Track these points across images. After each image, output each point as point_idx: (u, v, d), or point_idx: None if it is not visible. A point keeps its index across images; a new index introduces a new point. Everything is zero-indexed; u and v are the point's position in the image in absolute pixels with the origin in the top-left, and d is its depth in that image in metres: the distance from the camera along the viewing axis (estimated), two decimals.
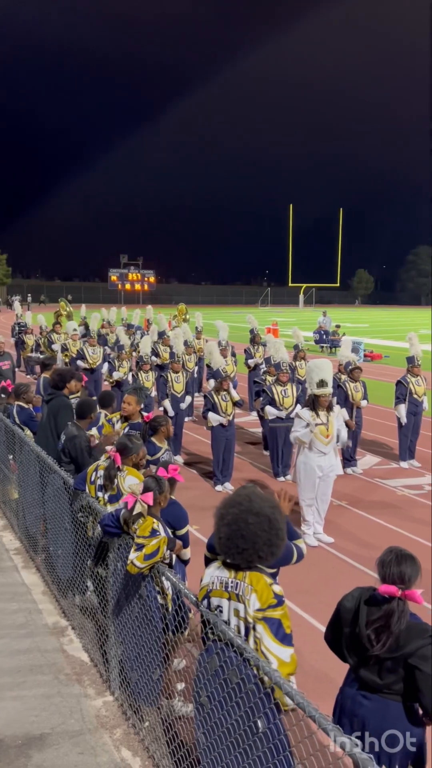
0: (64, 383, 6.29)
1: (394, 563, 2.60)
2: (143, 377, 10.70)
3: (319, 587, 5.41)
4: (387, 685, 2.52)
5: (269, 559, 2.66)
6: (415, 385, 9.60)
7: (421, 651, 2.46)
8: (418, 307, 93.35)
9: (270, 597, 2.57)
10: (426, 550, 6.48)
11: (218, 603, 2.70)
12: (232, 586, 2.66)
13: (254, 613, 2.56)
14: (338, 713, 2.70)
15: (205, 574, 2.81)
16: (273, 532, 2.63)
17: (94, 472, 4.54)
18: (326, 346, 25.64)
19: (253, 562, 2.64)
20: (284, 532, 2.68)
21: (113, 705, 3.92)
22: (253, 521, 2.62)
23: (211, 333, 16.66)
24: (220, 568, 2.75)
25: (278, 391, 8.87)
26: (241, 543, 2.62)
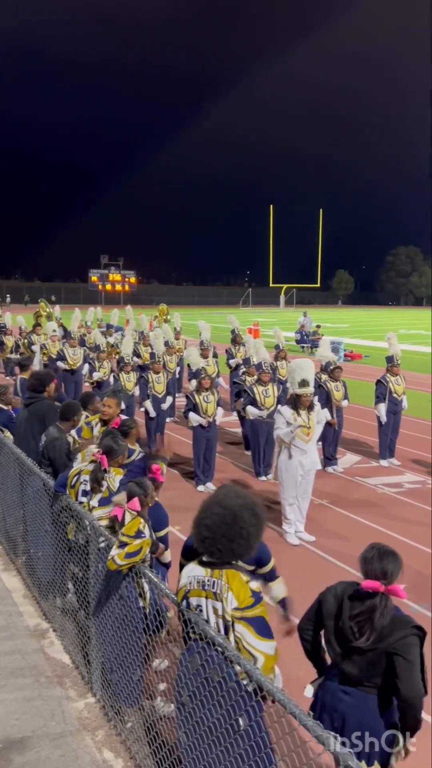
0: (44, 386, 6.24)
1: (376, 559, 2.62)
2: (124, 378, 10.66)
3: (301, 585, 5.42)
4: (368, 677, 2.54)
5: (228, 556, 2.64)
6: (395, 384, 9.69)
7: (404, 641, 2.50)
8: (397, 307, 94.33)
9: (247, 595, 2.57)
10: (406, 548, 6.54)
11: (197, 602, 2.70)
12: (209, 585, 2.65)
13: (232, 611, 2.55)
14: (318, 709, 2.72)
15: (182, 576, 2.81)
16: (235, 528, 2.61)
17: (75, 476, 4.49)
18: (307, 347, 25.76)
19: (213, 554, 2.65)
20: (250, 534, 2.64)
21: (95, 707, 3.90)
22: (218, 512, 2.64)
23: (193, 333, 16.67)
24: (196, 567, 2.75)
25: (259, 391, 8.90)
26: (203, 531, 2.65)
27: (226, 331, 19.27)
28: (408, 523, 7.24)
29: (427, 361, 23.78)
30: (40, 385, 6.23)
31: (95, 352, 12.58)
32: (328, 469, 9.30)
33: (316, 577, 5.74)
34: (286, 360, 11.94)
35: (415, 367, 20.48)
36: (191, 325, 18.41)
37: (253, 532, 2.67)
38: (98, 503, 4.26)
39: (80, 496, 4.41)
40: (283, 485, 6.81)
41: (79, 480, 4.44)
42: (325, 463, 9.32)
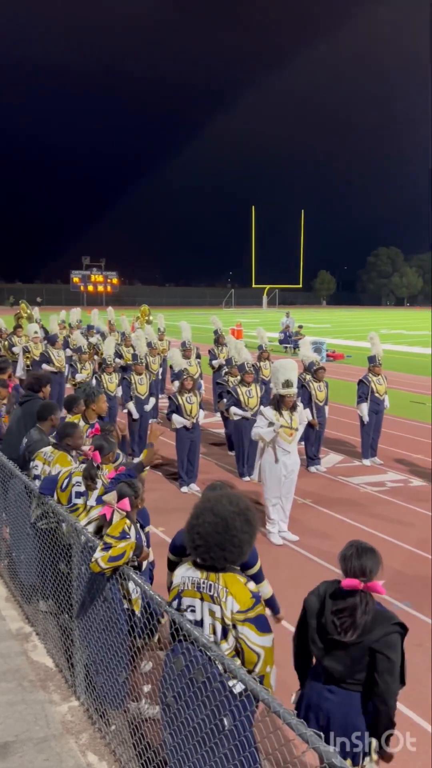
0: (41, 386, 6.32)
1: (354, 557, 2.64)
2: (107, 379, 10.61)
3: (285, 585, 5.45)
4: (351, 674, 2.56)
5: (221, 563, 2.66)
6: (377, 384, 9.77)
7: (387, 638, 2.52)
8: (379, 307, 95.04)
9: (248, 597, 2.62)
10: (388, 546, 6.60)
11: (190, 603, 2.70)
12: (204, 587, 2.66)
13: (235, 615, 2.58)
14: (304, 708, 2.73)
15: (176, 575, 2.81)
16: (227, 536, 2.62)
17: (66, 479, 4.47)
18: (290, 347, 25.86)
19: (206, 561, 2.66)
20: (242, 540, 2.66)
21: (79, 710, 3.88)
22: (210, 520, 2.64)
23: (176, 334, 16.65)
24: (190, 569, 2.75)
25: (243, 392, 8.91)
26: (196, 539, 2.65)
27: (210, 332, 19.28)
28: (390, 522, 7.30)
29: (408, 360, 24.00)
30: (37, 385, 6.30)
31: (77, 353, 12.51)
32: (311, 469, 9.34)
33: (299, 577, 5.76)
34: (269, 360, 11.98)
35: (396, 367, 20.66)
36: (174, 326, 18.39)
37: (245, 539, 2.69)
38: (96, 502, 4.24)
39: (74, 498, 4.40)
40: (266, 485, 6.83)
41: (71, 482, 4.42)
42: (308, 463, 9.37)
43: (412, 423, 12.82)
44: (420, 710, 3.95)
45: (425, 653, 4.63)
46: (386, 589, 5.52)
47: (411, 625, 5.00)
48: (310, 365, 9.99)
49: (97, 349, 14.72)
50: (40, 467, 4.94)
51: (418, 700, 4.06)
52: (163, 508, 7.24)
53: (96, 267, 76.49)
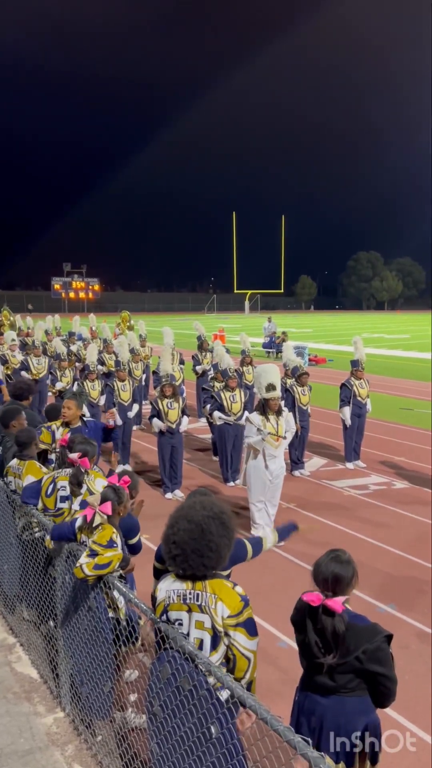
0: (28, 394, 6.30)
1: (324, 566, 2.62)
2: (89, 387, 10.55)
3: (270, 589, 5.45)
4: (342, 685, 2.55)
5: (201, 570, 2.62)
6: (359, 387, 9.82)
7: (376, 654, 2.49)
8: (359, 311, 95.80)
9: (237, 601, 2.59)
10: (373, 549, 6.63)
11: (177, 617, 2.66)
12: (191, 598, 2.63)
13: (226, 620, 2.56)
14: (296, 712, 2.72)
15: (159, 590, 2.75)
16: (203, 542, 2.59)
17: (51, 485, 4.44)
18: (272, 352, 25.95)
19: (186, 570, 2.63)
20: (219, 545, 2.63)
21: (64, 721, 3.83)
22: (185, 527, 2.62)
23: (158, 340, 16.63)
24: (175, 581, 2.71)
25: (227, 397, 8.91)
26: (173, 548, 2.62)
27: (193, 338, 19.27)
28: (374, 525, 7.33)
29: (389, 364, 24.21)
30: (25, 393, 6.26)
31: (56, 360, 12.43)
32: (295, 473, 9.36)
33: (285, 581, 5.76)
34: (252, 365, 12.00)
35: (377, 371, 20.83)
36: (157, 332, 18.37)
37: (223, 543, 2.65)
38: (80, 506, 4.22)
39: (59, 502, 4.38)
40: (251, 489, 6.83)
41: (56, 487, 4.40)
42: (292, 467, 9.38)
43: (394, 426, 12.92)
44: (406, 713, 3.96)
45: (410, 656, 4.65)
46: (372, 592, 5.55)
47: (396, 627, 5.03)
48: (294, 370, 10.02)
49: (79, 356, 14.64)
50: (13, 482, 4.90)
51: (402, 703, 4.07)
52: (147, 515, 7.17)
53: (77, 273, 76.25)
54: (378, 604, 5.40)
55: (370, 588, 5.59)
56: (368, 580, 5.67)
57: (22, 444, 4.90)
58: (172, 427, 8.31)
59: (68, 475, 4.42)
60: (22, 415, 5.66)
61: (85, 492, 4.30)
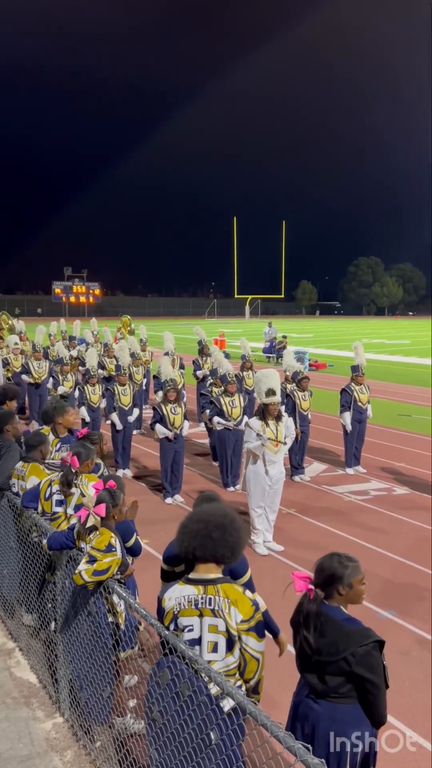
0: (5, 399, 6.26)
1: (325, 558, 2.72)
2: (90, 391, 10.55)
3: (270, 595, 5.42)
4: (333, 688, 2.54)
5: (221, 550, 2.71)
6: (359, 393, 9.83)
7: (364, 658, 2.47)
8: (360, 317, 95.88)
9: (249, 605, 2.64)
10: (373, 555, 6.61)
11: (188, 623, 2.66)
12: (203, 602, 2.63)
13: (240, 625, 2.59)
14: (291, 717, 2.72)
15: (168, 599, 2.73)
16: (231, 528, 2.74)
17: (48, 488, 4.45)
18: (273, 357, 25.97)
19: (207, 553, 2.70)
20: (242, 534, 2.78)
21: (63, 726, 3.82)
22: (216, 522, 2.75)
23: (159, 345, 16.65)
24: (184, 587, 2.70)
25: (226, 402, 8.92)
26: (202, 530, 2.73)
27: (193, 342, 19.28)
28: (375, 531, 7.32)
29: (389, 369, 24.20)
30: (2, 397, 6.23)
31: (59, 365, 12.44)
32: (295, 478, 9.35)
33: (284, 587, 5.75)
34: (252, 370, 12.01)
35: (378, 376, 20.82)
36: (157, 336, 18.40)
37: (243, 538, 2.82)
38: (74, 510, 4.22)
39: (54, 506, 4.40)
40: (251, 495, 6.82)
41: (52, 491, 4.41)
42: (293, 472, 9.38)
43: (395, 432, 12.91)
44: (406, 720, 3.95)
45: (411, 662, 4.64)
46: (372, 598, 5.54)
47: (397, 634, 5.02)
48: (294, 374, 10.03)
49: (81, 360, 14.66)
50: (17, 484, 4.90)
51: (403, 710, 4.06)
52: (148, 520, 7.19)
53: (78, 278, 76.33)
54: (378, 610, 5.39)
55: (370, 594, 5.57)
56: (368, 586, 5.62)
57: (30, 446, 4.93)
58: (177, 432, 8.32)
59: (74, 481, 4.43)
60: (16, 419, 5.64)
61: (78, 496, 4.31)
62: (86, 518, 3.49)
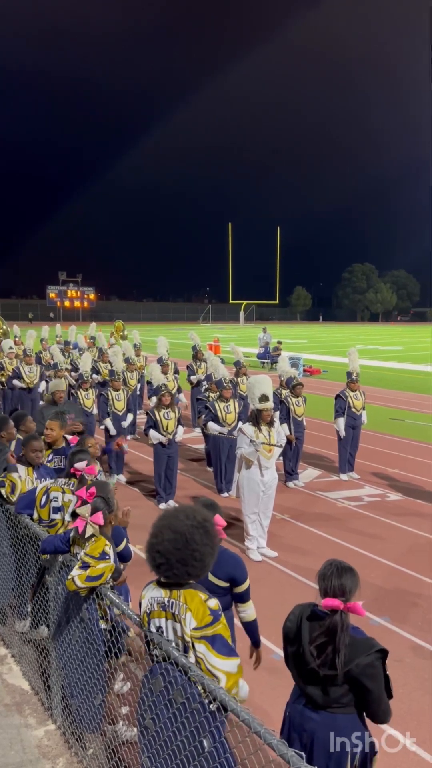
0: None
1: (335, 576, 2.59)
2: (83, 395, 10.53)
3: (264, 601, 5.42)
4: (334, 699, 2.53)
5: (185, 578, 2.62)
6: (354, 399, 9.84)
7: (368, 669, 2.46)
8: (354, 323, 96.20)
9: (206, 614, 2.55)
10: (366, 561, 6.61)
11: (159, 623, 2.66)
12: (168, 606, 2.62)
13: (192, 632, 2.53)
14: (287, 728, 2.69)
15: (144, 598, 2.76)
16: (187, 552, 2.58)
17: (44, 495, 4.44)
18: (267, 362, 26.00)
19: (170, 578, 2.62)
20: (203, 554, 2.62)
21: (55, 734, 3.79)
22: (169, 537, 2.60)
23: (153, 350, 16.66)
24: (155, 588, 2.71)
25: (221, 407, 8.91)
26: (156, 557, 2.61)
27: (188, 348, 19.28)
28: (368, 537, 7.32)
29: (382, 375, 24.27)
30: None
31: (52, 369, 12.40)
32: (289, 484, 9.35)
33: (279, 594, 5.74)
34: (246, 376, 12.02)
35: (372, 382, 20.87)
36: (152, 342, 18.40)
37: (207, 552, 2.64)
38: (71, 517, 4.22)
39: (52, 513, 4.39)
40: (245, 501, 6.81)
41: (49, 498, 4.40)
42: (287, 478, 9.38)
43: (388, 437, 12.94)
44: (400, 727, 3.94)
45: (405, 669, 4.64)
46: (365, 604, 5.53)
47: (390, 640, 5.02)
48: (288, 380, 10.04)
49: (74, 365, 14.63)
50: None
51: (397, 717, 4.04)
52: (142, 525, 7.12)
53: (73, 282, 76.27)
54: (372, 616, 5.38)
55: (364, 600, 5.56)
56: (362, 592, 5.61)
57: None
58: (170, 438, 8.31)
59: (63, 486, 4.43)
60: (10, 424, 5.62)
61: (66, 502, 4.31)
62: (84, 528, 3.48)
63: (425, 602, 5.70)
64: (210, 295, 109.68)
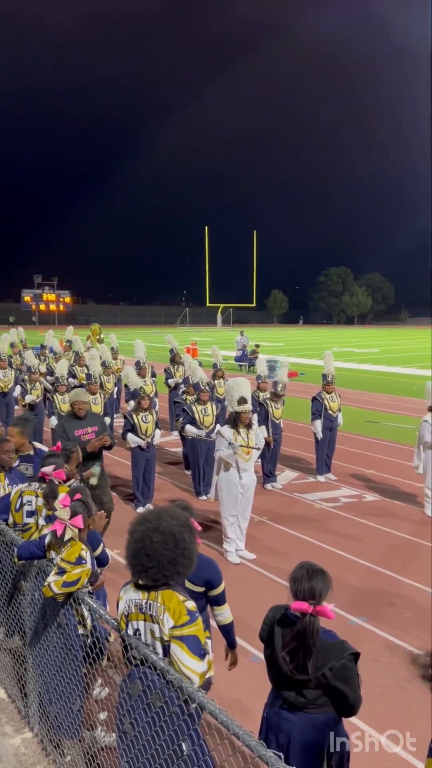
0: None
1: (305, 579, 2.59)
2: (59, 400, 10.45)
3: (243, 604, 5.43)
4: (310, 701, 2.54)
5: (175, 578, 2.63)
6: (330, 401, 9.92)
7: (341, 672, 2.49)
8: (330, 326, 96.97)
9: (183, 613, 2.56)
10: (344, 562, 6.66)
11: (137, 626, 2.66)
12: (146, 607, 2.62)
13: (169, 631, 2.54)
14: (265, 729, 2.71)
15: (121, 600, 2.75)
16: (178, 551, 2.60)
17: (18, 499, 4.41)
18: (245, 365, 26.06)
19: (158, 581, 2.61)
20: (192, 552, 2.66)
21: (32, 741, 3.75)
22: (158, 539, 2.60)
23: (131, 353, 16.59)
24: (132, 590, 2.70)
25: (198, 410, 8.91)
26: (145, 561, 2.60)
27: (165, 351, 19.24)
28: (346, 538, 7.38)
29: (358, 377, 24.49)
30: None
31: (27, 373, 12.27)
32: (267, 486, 9.38)
33: (256, 596, 5.75)
34: (223, 379, 12.03)
35: (348, 384, 21.05)
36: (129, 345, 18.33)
37: (194, 549, 2.70)
38: (45, 521, 4.20)
39: (26, 517, 4.36)
40: (223, 504, 6.82)
41: (23, 502, 4.37)
42: (264, 480, 9.41)
43: (365, 439, 13.06)
44: (377, 725, 3.98)
45: (381, 668, 4.68)
46: (343, 604, 5.58)
47: (367, 640, 5.06)
48: (274, 385, 10.08)
49: (50, 369, 14.50)
50: None
51: (374, 716, 4.09)
52: (119, 530, 7.10)
53: (48, 286, 75.56)
54: (349, 616, 5.42)
55: (341, 601, 5.61)
56: (339, 592, 5.70)
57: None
58: (148, 441, 8.28)
59: (36, 490, 4.38)
60: None
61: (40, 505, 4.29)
62: (63, 531, 3.45)
63: (402, 602, 5.77)
64: (187, 299, 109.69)
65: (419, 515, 8.22)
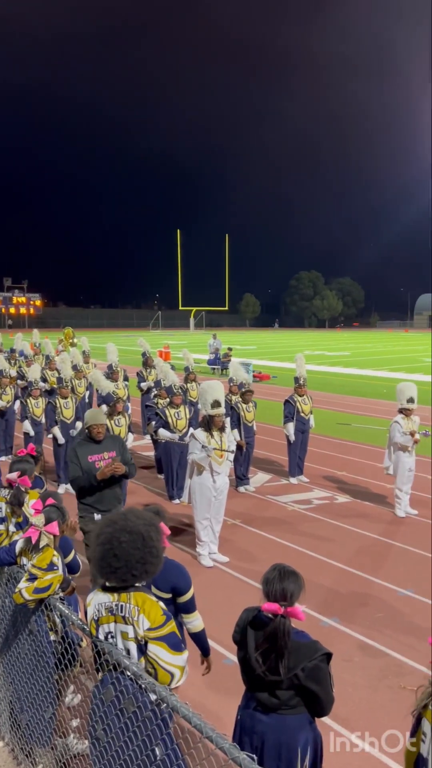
0: None
1: (277, 580, 2.60)
2: (33, 404, 10.33)
3: (216, 607, 5.43)
4: (284, 702, 2.56)
5: (143, 578, 2.63)
6: (302, 404, 9.99)
7: (313, 673, 2.50)
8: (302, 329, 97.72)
9: (159, 614, 2.56)
10: (317, 563, 6.71)
11: (108, 629, 2.64)
12: (117, 609, 2.61)
13: (145, 632, 2.53)
14: (239, 731, 2.71)
15: (90, 606, 2.72)
16: (146, 549, 2.60)
17: None
18: (218, 368, 26.10)
19: (127, 582, 2.61)
20: (159, 550, 2.66)
21: (3, 750, 3.70)
22: (126, 539, 2.59)
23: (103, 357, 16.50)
24: (101, 593, 2.68)
25: (171, 414, 8.90)
26: (114, 562, 2.58)
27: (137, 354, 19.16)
28: (318, 539, 7.43)
29: (328, 380, 24.72)
30: None
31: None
32: (240, 489, 9.40)
33: (229, 599, 5.76)
34: (196, 382, 12.04)
35: (320, 387, 21.23)
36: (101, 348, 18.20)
37: (161, 547, 2.70)
38: (15, 528, 4.15)
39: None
40: (196, 507, 6.82)
41: None
42: (237, 483, 9.43)
43: (336, 441, 13.18)
44: (349, 725, 4.01)
45: (353, 668, 4.72)
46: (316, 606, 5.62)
47: (340, 641, 5.11)
48: (240, 386, 10.10)
49: (21, 373, 14.33)
50: None
51: (346, 715, 4.12)
52: None
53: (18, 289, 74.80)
54: (321, 617, 5.46)
55: (314, 602, 5.65)
56: (312, 594, 5.73)
57: None
58: None
59: (6, 497, 4.33)
60: None
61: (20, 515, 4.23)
62: (38, 538, 3.41)
63: (373, 602, 5.83)
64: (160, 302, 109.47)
65: (390, 516, 8.33)
